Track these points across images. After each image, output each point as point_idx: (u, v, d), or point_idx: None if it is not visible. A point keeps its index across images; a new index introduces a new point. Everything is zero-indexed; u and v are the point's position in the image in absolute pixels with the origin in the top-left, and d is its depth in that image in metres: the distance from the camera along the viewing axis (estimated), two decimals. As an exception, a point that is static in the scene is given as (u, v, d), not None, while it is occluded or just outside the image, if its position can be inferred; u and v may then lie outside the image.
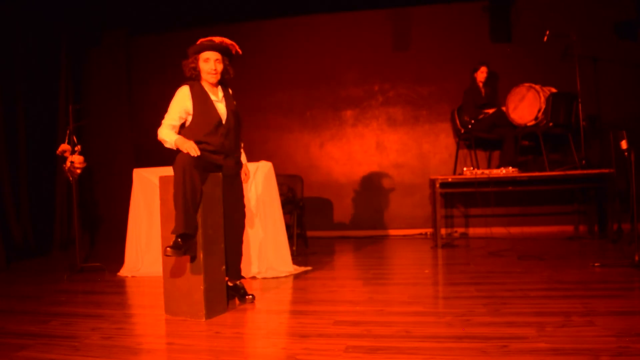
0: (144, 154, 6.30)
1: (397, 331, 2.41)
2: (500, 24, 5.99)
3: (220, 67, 2.92)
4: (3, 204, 5.21)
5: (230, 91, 3.11)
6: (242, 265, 3.89)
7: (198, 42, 2.94)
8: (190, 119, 2.94)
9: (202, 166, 2.77)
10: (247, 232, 4.00)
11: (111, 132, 6.66)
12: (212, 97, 2.96)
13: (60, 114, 6.05)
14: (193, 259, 2.77)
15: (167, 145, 2.89)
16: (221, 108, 2.98)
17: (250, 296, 3.13)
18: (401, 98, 6.41)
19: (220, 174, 2.95)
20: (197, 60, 2.91)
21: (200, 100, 2.93)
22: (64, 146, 4.29)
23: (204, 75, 2.93)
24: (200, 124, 2.92)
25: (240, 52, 3.07)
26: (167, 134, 2.87)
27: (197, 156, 2.72)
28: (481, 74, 5.59)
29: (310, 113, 6.62)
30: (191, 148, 2.71)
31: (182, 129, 2.97)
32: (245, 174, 3.18)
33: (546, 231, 5.84)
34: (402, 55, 6.37)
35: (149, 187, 4.22)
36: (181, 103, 2.91)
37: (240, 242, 3.15)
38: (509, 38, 6.01)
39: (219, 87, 3.02)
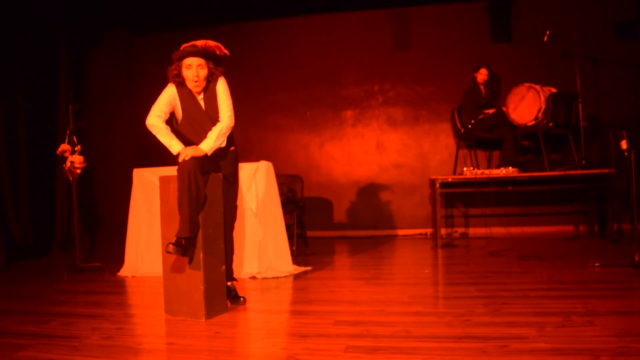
0: (144, 154, 6.30)
1: (397, 331, 2.41)
2: (500, 24, 5.99)
3: (203, 73, 2.83)
4: (3, 204, 5.21)
5: (219, 79, 2.93)
6: (242, 265, 3.91)
7: (181, 48, 2.86)
8: (178, 118, 2.93)
9: (205, 170, 2.78)
10: (247, 232, 4.01)
11: (111, 132, 6.66)
12: (198, 97, 2.92)
13: (60, 114, 6.05)
14: (191, 261, 2.78)
15: (161, 139, 2.85)
16: (204, 106, 2.93)
17: (242, 298, 3.10)
18: (401, 98, 6.41)
19: (221, 174, 2.95)
20: (179, 67, 2.84)
21: (188, 103, 2.91)
22: (64, 146, 4.29)
23: (187, 83, 2.86)
24: (190, 127, 2.92)
25: (227, 53, 2.99)
26: (168, 135, 2.84)
27: (201, 160, 2.73)
28: (481, 75, 5.59)
29: (310, 113, 6.62)
30: (194, 151, 2.75)
31: (173, 132, 2.95)
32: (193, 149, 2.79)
33: (546, 231, 5.84)
34: (402, 55, 6.37)
35: (149, 187, 4.22)
36: (170, 95, 2.89)
37: (231, 242, 3.13)
38: (509, 38, 6.01)
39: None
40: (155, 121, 2.85)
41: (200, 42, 2.91)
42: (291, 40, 6.58)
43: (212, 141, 2.83)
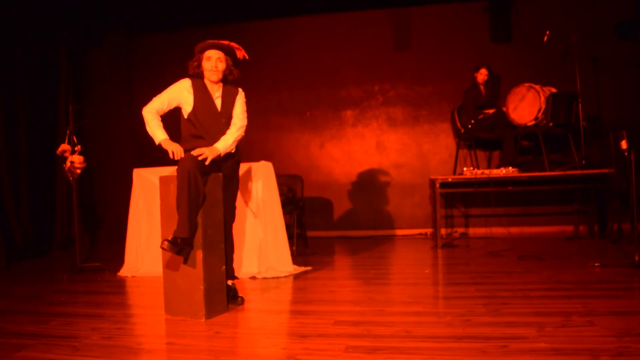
0: (144, 154, 6.30)
1: (397, 331, 2.41)
2: (500, 24, 5.99)
3: (221, 65, 2.94)
4: (3, 204, 5.21)
5: (240, 90, 3.07)
6: (242, 265, 3.92)
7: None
8: (188, 111, 2.96)
9: (205, 170, 2.79)
10: (247, 232, 4.01)
11: (111, 132, 6.66)
12: (213, 94, 3.00)
13: (60, 114, 6.05)
14: (186, 260, 2.78)
15: (148, 130, 2.92)
16: (219, 106, 3.00)
17: (240, 298, 3.11)
18: (401, 98, 6.41)
19: (221, 174, 2.95)
20: (200, 58, 2.95)
21: (201, 95, 2.97)
22: (64, 146, 4.29)
23: (205, 73, 2.96)
24: (201, 120, 2.95)
25: (247, 56, 3.09)
26: (155, 126, 2.91)
27: (200, 160, 2.73)
28: (481, 76, 5.59)
29: (310, 113, 6.62)
30: (177, 151, 2.77)
31: (181, 123, 3.02)
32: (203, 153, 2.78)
33: (546, 231, 5.84)
34: (402, 55, 6.36)
35: (149, 187, 4.22)
36: (177, 92, 2.96)
37: (231, 242, 3.17)
38: (509, 38, 6.01)
39: (220, 86, 3.02)
40: (147, 115, 2.93)
41: (223, 41, 3.00)
42: (291, 41, 6.58)
43: (229, 144, 2.92)
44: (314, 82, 6.56)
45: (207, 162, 2.76)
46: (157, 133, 2.90)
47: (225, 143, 2.90)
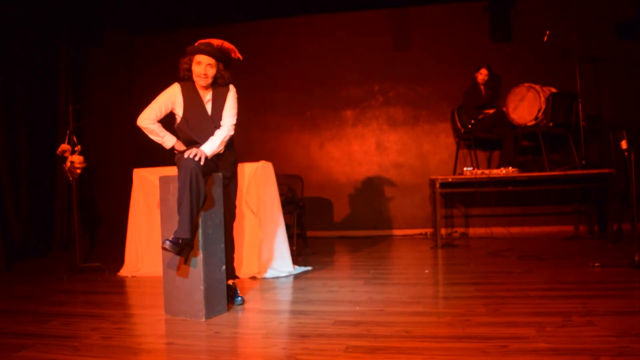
0: (144, 154, 6.29)
1: (397, 331, 2.41)
2: (500, 24, 5.99)
3: (211, 71, 2.91)
4: (3, 204, 5.21)
5: (230, 87, 3.03)
6: (242, 265, 3.92)
7: (197, 43, 2.94)
8: (179, 117, 2.97)
9: (205, 171, 2.79)
10: (247, 232, 4.01)
11: (111, 132, 6.66)
12: (204, 98, 2.99)
13: (60, 114, 6.05)
14: (186, 261, 2.78)
15: (153, 138, 2.99)
16: (210, 110, 3.00)
17: (240, 298, 3.11)
18: (401, 98, 6.41)
19: (221, 174, 2.95)
20: (191, 61, 2.93)
21: (192, 100, 2.96)
22: (64, 146, 4.29)
23: (195, 78, 2.94)
24: (192, 124, 2.95)
25: (240, 57, 3.07)
26: (161, 131, 2.97)
27: (198, 160, 2.74)
28: (481, 75, 5.60)
29: (310, 113, 6.62)
30: (199, 154, 2.75)
31: (175, 130, 3.04)
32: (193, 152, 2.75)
33: (546, 231, 5.84)
34: (402, 55, 6.36)
35: (149, 187, 4.22)
36: (171, 96, 2.97)
37: (232, 241, 3.17)
38: (509, 38, 6.02)
39: (211, 89, 3.01)
40: (146, 123, 2.96)
41: (216, 42, 2.97)
42: (291, 40, 6.58)
43: (215, 146, 2.89)
44: (314, 82, 6.56)
45: (202, 162, 2.74)
46: (167, 138, 2.97)
47: (212, 145, 2.87)
